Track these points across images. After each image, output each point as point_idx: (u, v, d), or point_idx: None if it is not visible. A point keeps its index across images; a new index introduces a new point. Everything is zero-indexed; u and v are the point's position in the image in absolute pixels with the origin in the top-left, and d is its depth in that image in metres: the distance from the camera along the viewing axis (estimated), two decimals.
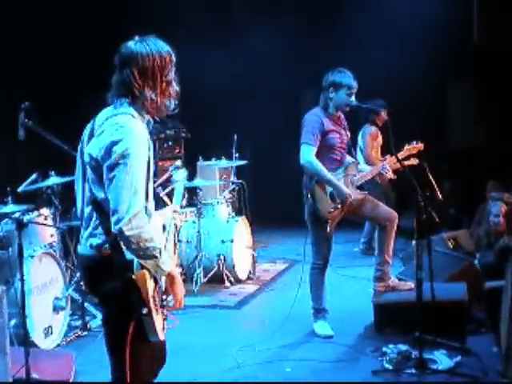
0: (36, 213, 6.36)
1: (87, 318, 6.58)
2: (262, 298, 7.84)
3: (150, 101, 3.40)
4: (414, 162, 6.73)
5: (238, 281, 8.30)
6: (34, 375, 4.85)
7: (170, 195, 9.39)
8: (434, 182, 5.32)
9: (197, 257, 8.09)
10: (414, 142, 6.62)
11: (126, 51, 3.41)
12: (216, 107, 11.85)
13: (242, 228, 8.54)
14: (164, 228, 3.69)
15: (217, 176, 9.66)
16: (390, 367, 5.30)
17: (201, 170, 9.58)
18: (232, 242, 8.22)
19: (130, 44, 3.44)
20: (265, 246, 10.51)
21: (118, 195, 3.16)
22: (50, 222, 6.59)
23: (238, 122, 10.45)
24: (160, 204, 8.68)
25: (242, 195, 8.78)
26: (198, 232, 8.07)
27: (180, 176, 4.44)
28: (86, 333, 6.38)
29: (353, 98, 6.04)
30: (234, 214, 8.89)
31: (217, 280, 8.16)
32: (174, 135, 11.31)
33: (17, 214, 5.75)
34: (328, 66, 6.24)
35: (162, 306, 3.46)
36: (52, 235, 6.61)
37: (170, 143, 11.23)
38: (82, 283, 6.61)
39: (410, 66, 10.79)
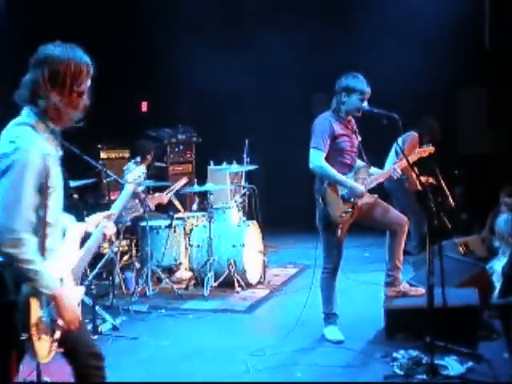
0: None
1: (98, 322, 6.59)
2: (273, 302, 7.83)
3: (54, 107, 3.26)
4: (433, 181, 6.71)
5: (249, 285, 8.30)
6: (45, 378, 4.86)
7: (182, 201, 9.51)
8: (445, 188, 5.30)
9: (207, 261, 8.08)
10: (425, 145, 6.62)
11: (43, 52, 3.28)
12: (227, 112, 11.86)
13: (252, 232, 8.54)
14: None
15: (228, 180, 9.66)
16: (401, 373, 5.27)
17: (211, 175, 9.60)
18: (243, 246, 8.22)
19: (49, 46, 3.30)
20: (275, 250, 10.51)
21: (1, 211, 3.08)
22: None
23: (248, 127, 10.45)
24: (172, 209, 8.80)
25: (253, 200, 8.79)
26: (209, 236, 8.07)
27: (132, 177, 4.02)
28: (96, 336, 6.38)
29: (365, 104, 6.04)
30: (244, 218, 8.89)
31: (227, 284, 8.16)
32: (186, 140, 11.36)
33: None
34: (339, 70, 6.24)
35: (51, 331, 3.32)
36: None
37: (181, 148, 11.28)
38: (92, 287, 6.64)
39: (422, 71, 10.76)
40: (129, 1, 11.04)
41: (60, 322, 3.32)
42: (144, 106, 12.52)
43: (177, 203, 9.29)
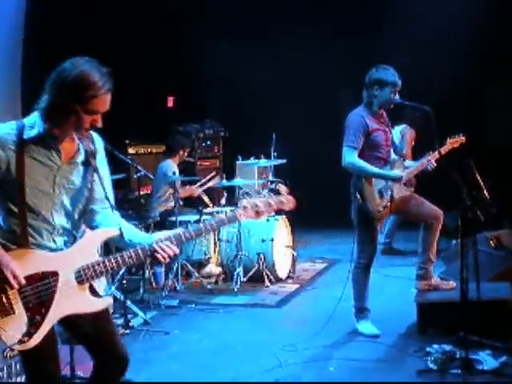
0: None
1: (129, 317, 6.60)
2: (303, 297, 7.81)
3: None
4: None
5: (278, 280, 8.29)
6: (79, 373, 4.88)
7: (211, 196, 9.51)
8: (480, 181, 5.24)
9: (237, 256, 8.09)
10: (456, 135, 6.55)
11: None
12: (254, 106, 11.82)
13: (282, 227, 8.52)
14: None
15: (256, 175, 9.65)
16: (435, 367, 5.22)
17: (240, 169, 9.60)
18: (272, 240, 8.20)
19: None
20: (304, 245, 10.47)
21: None
22: None
23: (276, 121, 10.42)
24: (199, 204, 8.81)
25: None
26: (238, 231, 8.07)
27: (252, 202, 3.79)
28: (128, 331, 6.40)
29: (397, 96, 6.00)
30: (273, 212, 8.85)
31: (257, 279, 8.15)
32: (213, 134, 11.36)
33: None
34: (366, 66, 6.20)
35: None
36: None
37: (209, 142, 11.27)
38: (124, 282, 6.66)
39: (449, 65, 10.68)
40: None
41: None
42: (170, 102, 12.51)
43: (205, 198, 9.29)
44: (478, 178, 5.26)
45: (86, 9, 9.56)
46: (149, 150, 10.60)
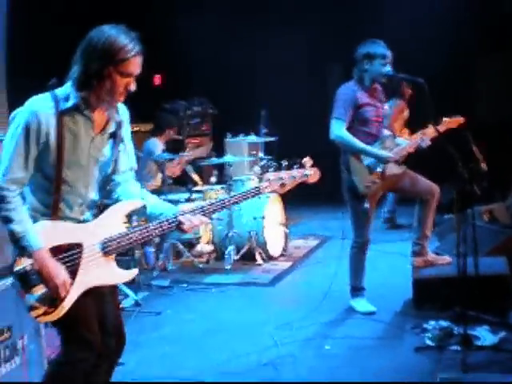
0: None
1: (120, 298, 6.48)
2: (296, 274, 7.72)
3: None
4: None
5: (270, 258, 8.20)
6: None
7: (201, 173, 9.38)
8: (477, 152, 5.12)
9: (228, 234, 7.99)
10: (453, 116, 6.35)
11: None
12: (242, 83, 11.68)
13: (273, 204, 8.41)
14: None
15: (245, 152, 9.52)
16: (433, 344, 5.15)
17: (229, 147, 9.46)
18: (263, 218, 8.09)
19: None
20: (296, 222, 10.37)
21: None
22: None
23: (265, 98, 10.28)
24: (189, 182, 8.69)
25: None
26: (229, 209, 7.95)
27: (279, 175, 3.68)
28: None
29: (388, 68, 5.86)
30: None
31: (249, 257, 8.07)
32: (201, 112, 11.22)
33: None
34: (354, 40, 6.07)
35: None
36: None
37: (198, 120, 11.13)
38: None
39: (437, 41, 10.57)
40: None
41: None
42: (158, 79, 12.34)
43: (195, 176, 9.18)
44: (476, 149, 5.13)
45: None
46: (135, 129, 10.44)
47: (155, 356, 5.32)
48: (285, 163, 3.72)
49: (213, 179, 9.03)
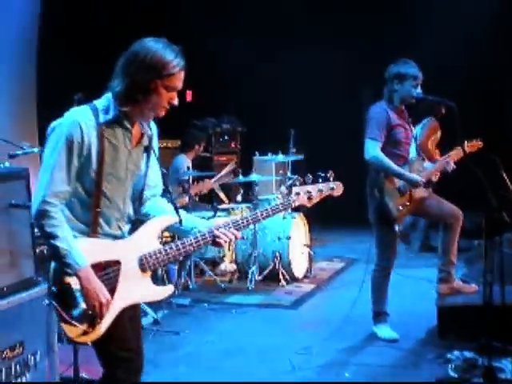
0: None
1: None
2: (319, 297, 7.60)
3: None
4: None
5: (294, 279, 8.08)
6: (83, 375, 4.70)
7: (227, 192, 9.32)
8: (507, 180, 4.98)
9: (252, 254, 7.89)
10: (474, 140, 6.23)
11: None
12: (274, 102, 11.62)
13: (298, 225, 8.32)
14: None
15: (273, 171, 9.44)
16: (455, 375, 5.00)
17: (257, 165, 9.38)
18: (288, 239, 7.99)
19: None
20: (321, 243, 10.25)
21: (39, 176, 3.14)
22: None
23: (295, 117, 10.21)
24: (215, 200, 8.62)
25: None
26: (254, 228, 7.86)
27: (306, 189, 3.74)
28: None
29: (419, 90, 5.74)
30: (290, 210, 8.65)
31: (272, 278, 7.96)
32: (230, 129, 11.18)
33: None
34: (384, 60, 5.97)
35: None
36: None
37: (226, 137, 11.08)
38: None
39: (469, 56, 10.44)
40: None
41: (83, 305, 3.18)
42: (189, 96, 12.32)
43: (221, 194, 9.11)
44: (505, 176, 4.99)
45: (99, 7, 9.42)
46: (167, 145, 10.42)
47: (171, 376, 5.23)
48: (310, 177, 3.69)
49: (239, 198, 8.95)
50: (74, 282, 3.14)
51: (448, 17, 10.39)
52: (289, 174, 9.05)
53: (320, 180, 3.69)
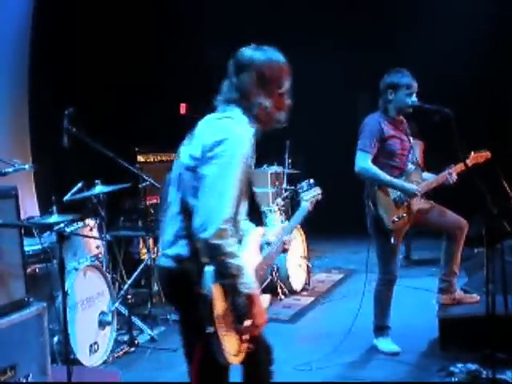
0: (81, 223, 6.08)
1: (135, 333, 6.30)
2: (319, 310, 7.49)
3: (264, 110, 3.28)
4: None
5: (293, 292, 7.98)
6: None
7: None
8: (508, 189, 4.90)
9: None
10: (482, 151, 6.13)
11: (244, 57, 3.31)
12: None
13: (295, 237, 8.20)
14: (262, 247, 3.52)
15: (269, 183, 9.33)
16: None
17: (253, 177, 9.26)
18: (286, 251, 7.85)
19: (248, 50, 3.30)
20: (319, 255, 10.15)
21: (208, 199, 2.97)
22: (95, 232, 6.30)
23: (291, 129, 10.09)
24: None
25: (296, 203, 8.42)
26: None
27: (309, 195, 4.13)
28: (133, 349, 6.11)
29: (414, 98, 5.63)
30: (287, 222, 8.53)
31: (270, 291, 7.75)
32: None
33: (60, 225, 5.48)
34: (382, 68, 5.87)
35: (239, 330, 3.17)
36: (98, 247, 6.31)
37: None
38: (129, 296, 6.37)
39: (471, 67, 10.37)
40: (166, 4, 10.81)
41: (247, 323, 3.16)
42: (183, 108, 12.23)
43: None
44: (506, 186, 4.91)
45: (95, 15, 9.31)
46: (159, 159, 10.29)
47: None
48: (300, 186, 4.03)
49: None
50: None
51: (452, 23, 10.34)
52: (285, 185, 8.96)
53: (310, 187, 3.99)
